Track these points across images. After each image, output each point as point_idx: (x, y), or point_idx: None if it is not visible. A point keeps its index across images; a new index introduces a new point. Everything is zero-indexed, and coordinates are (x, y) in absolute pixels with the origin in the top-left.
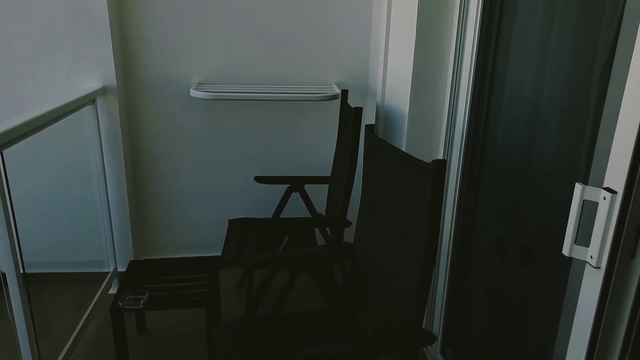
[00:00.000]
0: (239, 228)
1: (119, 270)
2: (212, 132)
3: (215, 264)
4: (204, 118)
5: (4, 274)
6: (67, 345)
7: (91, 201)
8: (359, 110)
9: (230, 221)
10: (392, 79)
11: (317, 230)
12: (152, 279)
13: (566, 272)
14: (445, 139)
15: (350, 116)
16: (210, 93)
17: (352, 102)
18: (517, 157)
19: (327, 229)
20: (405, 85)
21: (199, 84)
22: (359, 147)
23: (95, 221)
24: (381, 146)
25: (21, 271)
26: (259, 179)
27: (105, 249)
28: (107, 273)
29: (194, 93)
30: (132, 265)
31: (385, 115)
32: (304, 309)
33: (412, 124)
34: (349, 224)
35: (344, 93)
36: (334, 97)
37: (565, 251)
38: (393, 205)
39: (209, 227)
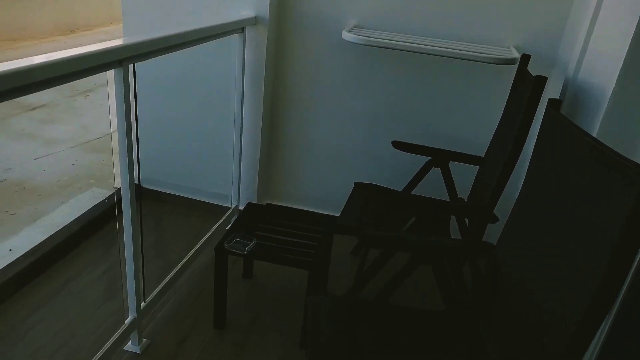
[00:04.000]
0: (364, 193)
1: (240, 208)
2: (357, 83)
3: (330, 227)
4: (352, 66)
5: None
6: (174, 272)
7: (225, 135)
8: (541, 80)
9: (356, 184)
10: (596, 49)
11: (453, 219)
12: (265, 227)
13: None
14: None
15: (527, 87)
16: (364, 37)
17: (533, 71)
18: None
19: (467, 219)
20: (615, 59)
21: (354, 26)
22: (532, 126)
23: (225, 155)
24: (567, 128)
25: (135, 182)
26: (397, 145)
27: (231, 185)
28: (229, 208)
29: (346, 35)
30: (249, 207)
31: (575, 93)
32: (416, 306)
33: (612, 109)
34: (495, 219)
35: (524, 58)
36: (510, 61)
37: None
38: (569, 209)
39: (333, 184)
